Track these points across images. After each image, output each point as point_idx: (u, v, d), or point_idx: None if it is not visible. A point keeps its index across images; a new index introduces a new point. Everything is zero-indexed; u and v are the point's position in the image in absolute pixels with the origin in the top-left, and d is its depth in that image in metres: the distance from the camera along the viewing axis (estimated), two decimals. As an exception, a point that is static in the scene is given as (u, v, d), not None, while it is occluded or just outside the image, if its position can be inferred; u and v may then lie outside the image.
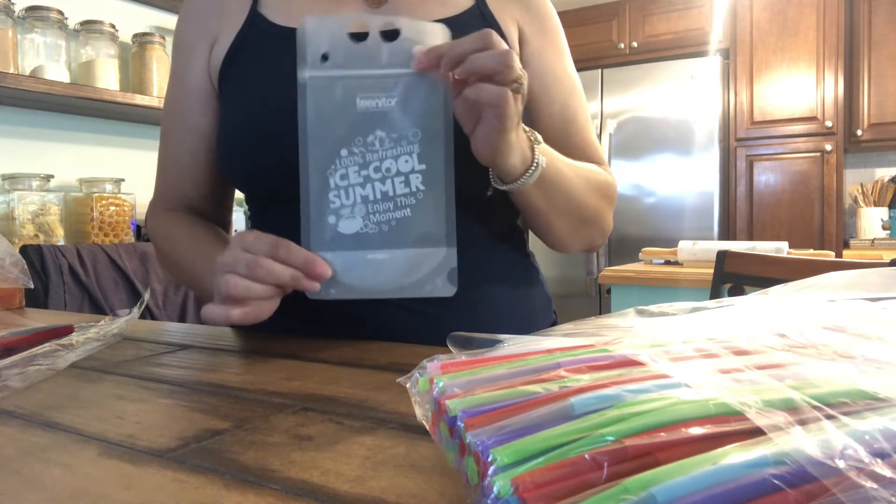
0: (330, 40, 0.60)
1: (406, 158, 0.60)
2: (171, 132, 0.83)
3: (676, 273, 1.94)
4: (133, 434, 0.40)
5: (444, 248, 0.61)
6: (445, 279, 0.60)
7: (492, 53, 0.55)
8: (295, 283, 0.59)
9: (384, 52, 0.60)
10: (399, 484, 0.32)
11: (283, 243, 0.58)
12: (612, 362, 0.29)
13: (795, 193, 3.33)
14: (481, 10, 0.77)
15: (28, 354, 0.58)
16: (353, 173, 0.60)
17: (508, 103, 0.56)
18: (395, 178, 0.60)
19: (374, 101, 0.60)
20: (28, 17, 1.91)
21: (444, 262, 0.61)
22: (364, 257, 0.60)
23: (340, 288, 0.61)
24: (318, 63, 0.60)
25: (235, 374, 0.56)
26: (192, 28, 0.80)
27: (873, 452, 0.20)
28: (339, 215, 0.60)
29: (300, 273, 0.59)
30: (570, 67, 0.84)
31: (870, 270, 0.42)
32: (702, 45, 3.54)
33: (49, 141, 2.08)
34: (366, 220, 0.60)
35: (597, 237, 0.81)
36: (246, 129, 0.73)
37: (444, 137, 0.61)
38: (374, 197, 0.60)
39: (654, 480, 0.19)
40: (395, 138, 0.60)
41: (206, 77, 0.79)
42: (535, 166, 0.65)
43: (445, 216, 0.61)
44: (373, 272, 0.60)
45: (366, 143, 0.60)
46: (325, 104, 0.60)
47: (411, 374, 0.33)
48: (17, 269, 0.93)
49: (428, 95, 0.60)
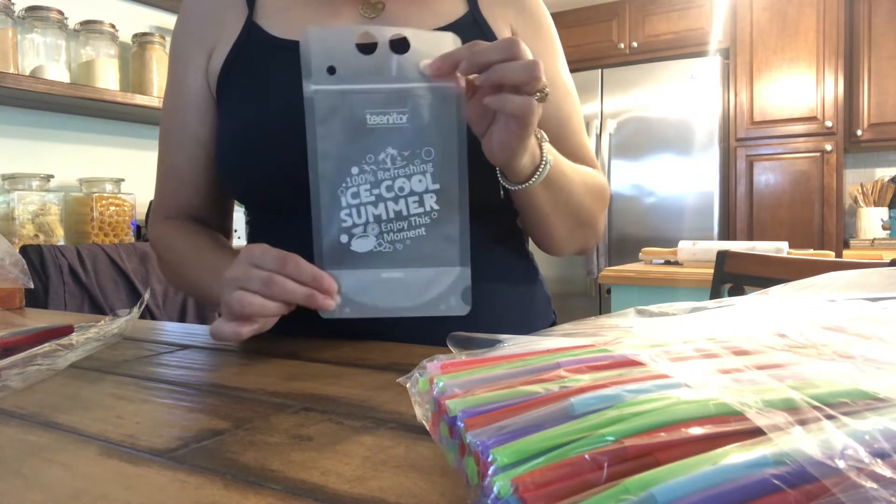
0: (336, 52, 0.57)
1: (420, 178, 0.59)
2: (170, 140, 0.83)
3: (676, 273, 1.94)
4: (133, 434, 0.40)
5: (458, 267, 0.60)
6: (459, 298, 0.60)
7: (520, 65, 0.55)
8: (309, 301, 0.58)
9: (394, 65, 0.58)
10: (399, 484, 0.32)
11: (291, 259, 0.58)
12: (612, 362, 0.29)
13: (795, 193, 3.33)
14: (475, 17, 0.77)
15: (28, 354, 0.58)
16: (365, 192, 0.59)
17: (534, 113, 0.56)
18: (409, 198, 0.59)
19: (384, 118, 0.58)
20: (28, 17, 1.91)
21: (457, 281, 0.60)
22: (378, 276, 0.60)
23: (355, 306, 0.60)
24: (324, 76, 0.58)
25: (235, 374, 0.56)
26: (189, 38, 0.80)
27: (873, 452, 0.20)
28: (352, 234, 0.60)
29: (314, 291, 0.58)
30: (565, 71, 0.84)
31: (870, 270, 0.42)
32: (702, 45, 3.53)
33: (49, 141, 2.08)
34: (379, 238, 0.60)
35: (590, 239, 0.81)
36: (243, 140, 0.73)
37: (458, 155, 0.59)
38: (386, 216, 0.59)
39: (654, 480, 0.19)
40: (408, 156, 0.59)
41: (205, 85, 0.79)
42: (544, 165, 0.65)
43: (460, 235, 0.60)
44: (387, 291, 0.60)
45: (377, 160, 0.59)
46: (333, 120, 0.58)
47: (411, 374, 0.33)
48: (17, 269, 0.93)
49: (441, 111, 0.58)
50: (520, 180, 0.65)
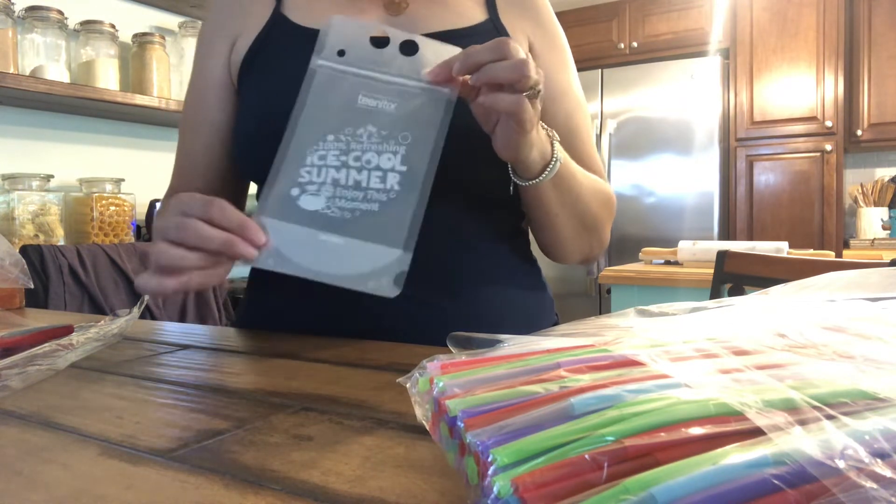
0: (350, 40, 0.62)
1: (389, 157, 0.61)
2: (188, 126, 0.85)
3: (676, 273, 1.94)
4: (133, 434, 0.40)
5: (400, 250, 0.59)
6: (391, 280, 0.58)
7: (508, 64, 0.56)
8: (228, 248, 0.55)
9: (398, 63, 0.62)
10: (399, 484, 0.32)
11: (217, 203, 0.56)
12: (612, 362, 0.29)
13: (795, 193, 3.33)
14: (495, 24, 0.79)
15: (28, 354, 0.58)
16: (333, 157, 0.61)
17: (526, 110, 0.58)
18: (373, 172, 0.60)
19: (374, 102, 0.61)
20: (28, 17, 1.91)
21: (394, 264, 0.59)
22: (316, 237, 0.59)
23: (281, 260, 0.58)
24: (333, 56, 0.62)
25: (235, 374, 0.56)
26: (215, 26, 0.83)
27: (873, 452, 0.20)
28: (305, 189, 0.60)
29: (236, 237, 0.55)
30: (577, 83, 0.86)
31: (870, 270, 0.42)
32: (702, 45, 3.53)
33: (49, 141, 2.08)
34: (329, 201, 0.60)
35: (595, 246, 0.83)
36: (262, 121, 0.74)
37: (433, 149, 0.61)
38: (345, 183, 0.60)
39: (654, 480, 0.19)
40: (385, 136, 0.61)
41: (226, 73, 0.81)
42: (555, 162, 0.67)
43: (411, 221, 0.59)
44: (320, 253, 0.59)
45: (354, 134, 0.61)
46: (327, 93, 0.62)
47: (411, 374, 0.33)
48: (17, 269, 0.93)
49: (428, 107, 0.61)
50: (530, 176, 0.67)
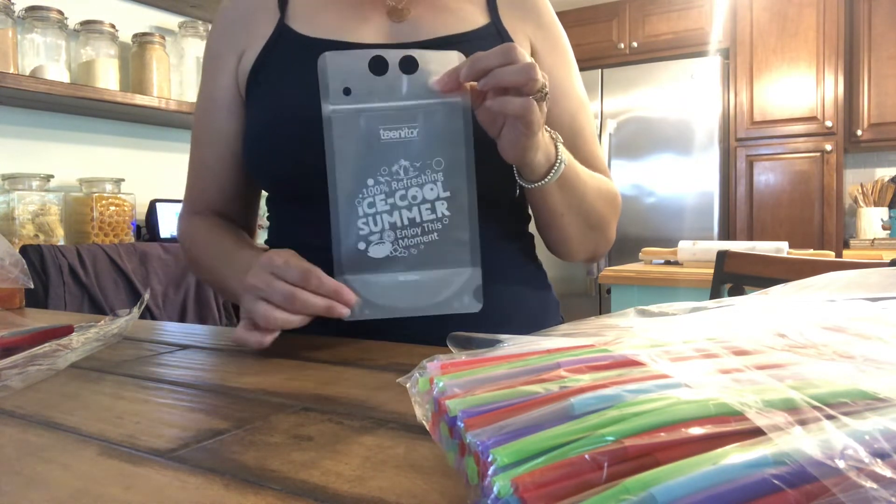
0: (350, 74, 0.62)
1: (431, 186, 0.63)
2: (200, 138, 0.86)
3: (676, 273, 1.94)
4: (133, 434, 0.40)
5: (470, 267, 0.64)
6: (472, 296, 0.64)
7: (516, 68, 0.58)
8: (329, 312, 0.61)
9: (404, 85, 0.63)
10: (399, 484, 0.32)
11: (314, 273, 0.60)
12: (612, 362, 0.29)
13: (795, 193, 3.33)
14: (497, 27, 0.80)
15: (28, 354, 0.58)
16: (380, 201, 0.63)
17: (534, 112, 0.59)
18: (422, 206, 0.63)
19: (397, 132, 0.63)
20: (28, 17, 1.91)
21: (469, 281, 0.64)
22: (396, 279, 0.64)
23: (374, 308, 0.64)
24: (341, 96, 0.62)
25: (235, 374, 0.56)
26: (222, 39, 0.83)
27: (873, 452, 0.20)
28: (369, 241, 0.63)
29: (334, 302, 0.61)
30: (579, 84, 0.87)
31: (870, 270, 0.42)
32: (702, 45, 3.53)
33: (49, 141, 2.08)
34: (395, 244, 0.63)
35: (601, 245, 0.83)
36: (272, 128, 0.75)
37: (466, 163, 0.63)
38: (401, 223, 0.63)
39: (654, 480, 0.19)
40: (419, 167, 0.63)
41: (234, 85, 0.82)
42: (559, 164, 0.68)
43: (470, 238, 0.64)
44: (404, 292, 0.64)
45: (391, 172, 0.63)
46: (349, 136, 0.62)
47: (411, 374, 0.33)
48: (17, 269, 0.93)
49: (448, 123, 0.63)
50: (536, 178, 0.68)
